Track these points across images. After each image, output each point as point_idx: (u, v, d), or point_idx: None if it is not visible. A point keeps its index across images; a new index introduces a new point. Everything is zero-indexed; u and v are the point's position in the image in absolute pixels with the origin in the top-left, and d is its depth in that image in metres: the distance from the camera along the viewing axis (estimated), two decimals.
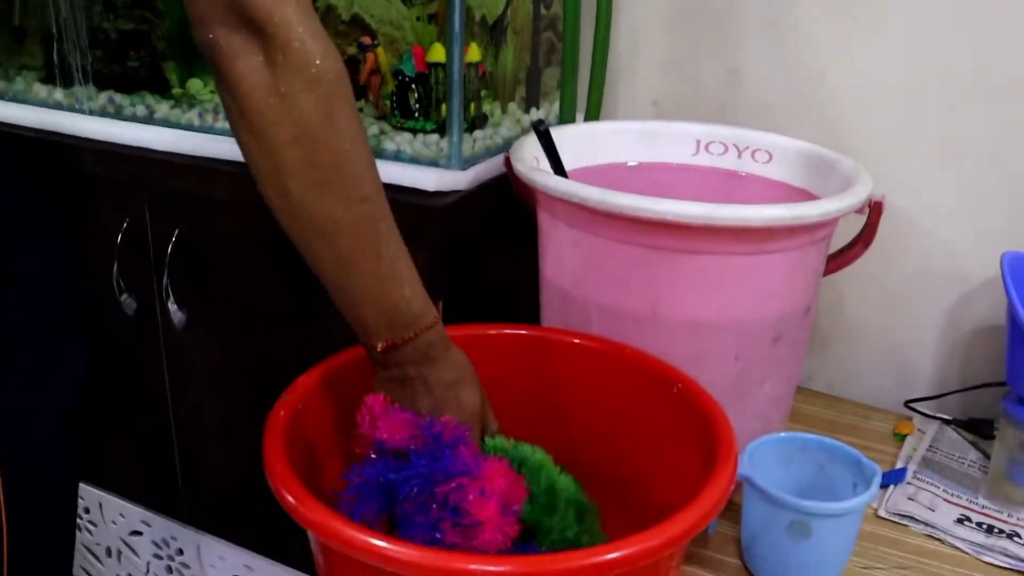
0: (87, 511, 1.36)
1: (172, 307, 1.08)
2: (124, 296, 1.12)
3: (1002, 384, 0.95)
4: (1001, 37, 0.98)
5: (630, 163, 1.04)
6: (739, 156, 1.03)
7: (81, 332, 1.11)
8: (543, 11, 1.07)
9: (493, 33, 1.02)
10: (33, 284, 1.03)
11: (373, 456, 0.66)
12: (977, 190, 1.03)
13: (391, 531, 0.65)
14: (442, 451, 0.64)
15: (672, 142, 1.04)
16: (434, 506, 0.62)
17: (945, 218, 1.05)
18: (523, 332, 0.83)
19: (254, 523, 1.18)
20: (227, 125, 1.02)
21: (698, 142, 1.04)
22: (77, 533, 1.39)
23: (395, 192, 0.91)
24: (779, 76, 1.10)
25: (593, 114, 1.09)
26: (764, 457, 0.82)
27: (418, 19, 1.01)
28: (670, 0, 1.13)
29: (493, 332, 0.82)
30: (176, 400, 1.17)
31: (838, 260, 0.92)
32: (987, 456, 1.00)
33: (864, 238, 0.90)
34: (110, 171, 1.09)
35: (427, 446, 0.65)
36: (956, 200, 1.04)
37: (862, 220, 0.88)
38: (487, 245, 1.02)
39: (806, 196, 0.95)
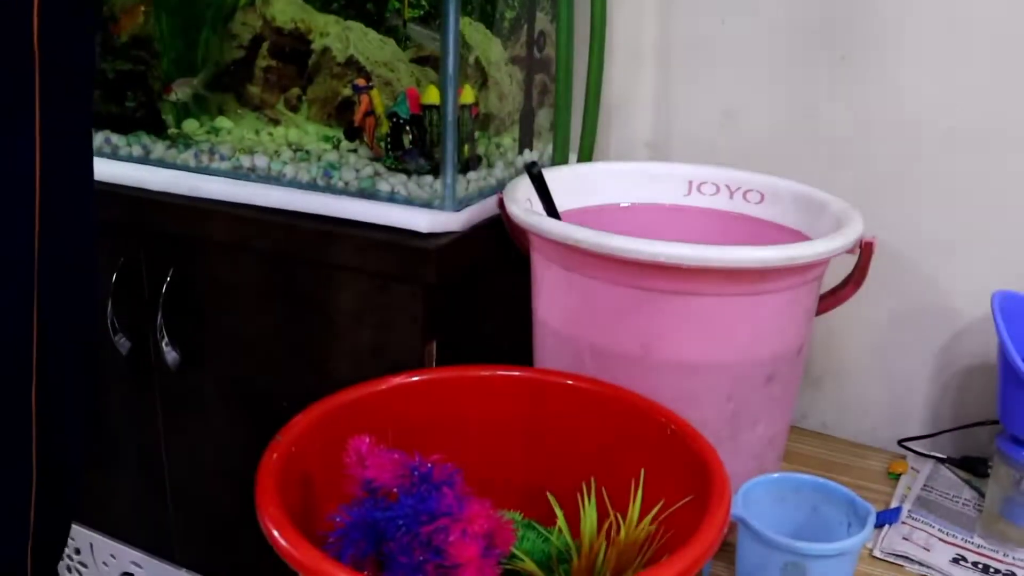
0: (77, 552, 1.35)
1: (166, 347, 1.08)
2: (118, 336, 1.12)
3: (995, 422, 0.95)
4: (1000, 86, 0.99)
5: (623, 204, 1.04)
6: (731, 197, 1.03)
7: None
8: (536, 54, 1.08)
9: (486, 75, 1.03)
10: None
11: (363, 495, 0.66)
12: (967, 228, 1.04)
13: (380, 571, 0.65)
14: (429, 491, 0.64)
15: (665, 183, 1.04)
16: (417, 547, 0.62)
17: (936, 257, 1.06)
18: (516, 373, 0.83)
19: (246, 565, 1.17)
20: (222, 166, 1.04)
21: (690, 183, 1.04)
22: (67, 574, 1.38)
23: (389, 233, 0.92)
24: (772, 116, 1.11)
25: (586, 155, 1.10)
26: (758, 498, 0.82)
27: (412, 60, 1.03)
28: (664, 41, 1.15)
29: (486, 373, 0.82)
30: (169, 440, 1.17)
31: (829, 300, 0.92)
32: (982, 495, 1.00)
33: (855, 278, 0.90)
34: (106, 211, 1.09)
35: (415, 486, 0.65)
36: (947, 239, 1.05)
37: (853, 259, 0.88)
38: (481, 286, 1.03)
39: (798, 237, 0.96)
